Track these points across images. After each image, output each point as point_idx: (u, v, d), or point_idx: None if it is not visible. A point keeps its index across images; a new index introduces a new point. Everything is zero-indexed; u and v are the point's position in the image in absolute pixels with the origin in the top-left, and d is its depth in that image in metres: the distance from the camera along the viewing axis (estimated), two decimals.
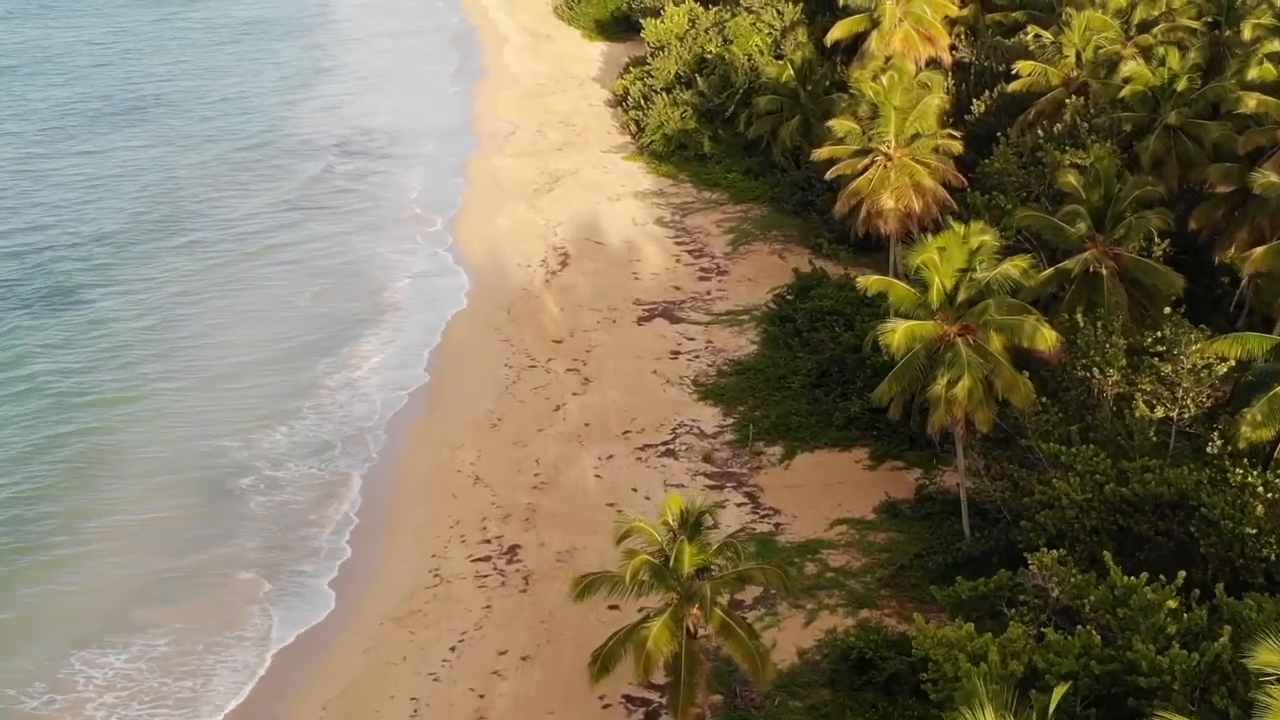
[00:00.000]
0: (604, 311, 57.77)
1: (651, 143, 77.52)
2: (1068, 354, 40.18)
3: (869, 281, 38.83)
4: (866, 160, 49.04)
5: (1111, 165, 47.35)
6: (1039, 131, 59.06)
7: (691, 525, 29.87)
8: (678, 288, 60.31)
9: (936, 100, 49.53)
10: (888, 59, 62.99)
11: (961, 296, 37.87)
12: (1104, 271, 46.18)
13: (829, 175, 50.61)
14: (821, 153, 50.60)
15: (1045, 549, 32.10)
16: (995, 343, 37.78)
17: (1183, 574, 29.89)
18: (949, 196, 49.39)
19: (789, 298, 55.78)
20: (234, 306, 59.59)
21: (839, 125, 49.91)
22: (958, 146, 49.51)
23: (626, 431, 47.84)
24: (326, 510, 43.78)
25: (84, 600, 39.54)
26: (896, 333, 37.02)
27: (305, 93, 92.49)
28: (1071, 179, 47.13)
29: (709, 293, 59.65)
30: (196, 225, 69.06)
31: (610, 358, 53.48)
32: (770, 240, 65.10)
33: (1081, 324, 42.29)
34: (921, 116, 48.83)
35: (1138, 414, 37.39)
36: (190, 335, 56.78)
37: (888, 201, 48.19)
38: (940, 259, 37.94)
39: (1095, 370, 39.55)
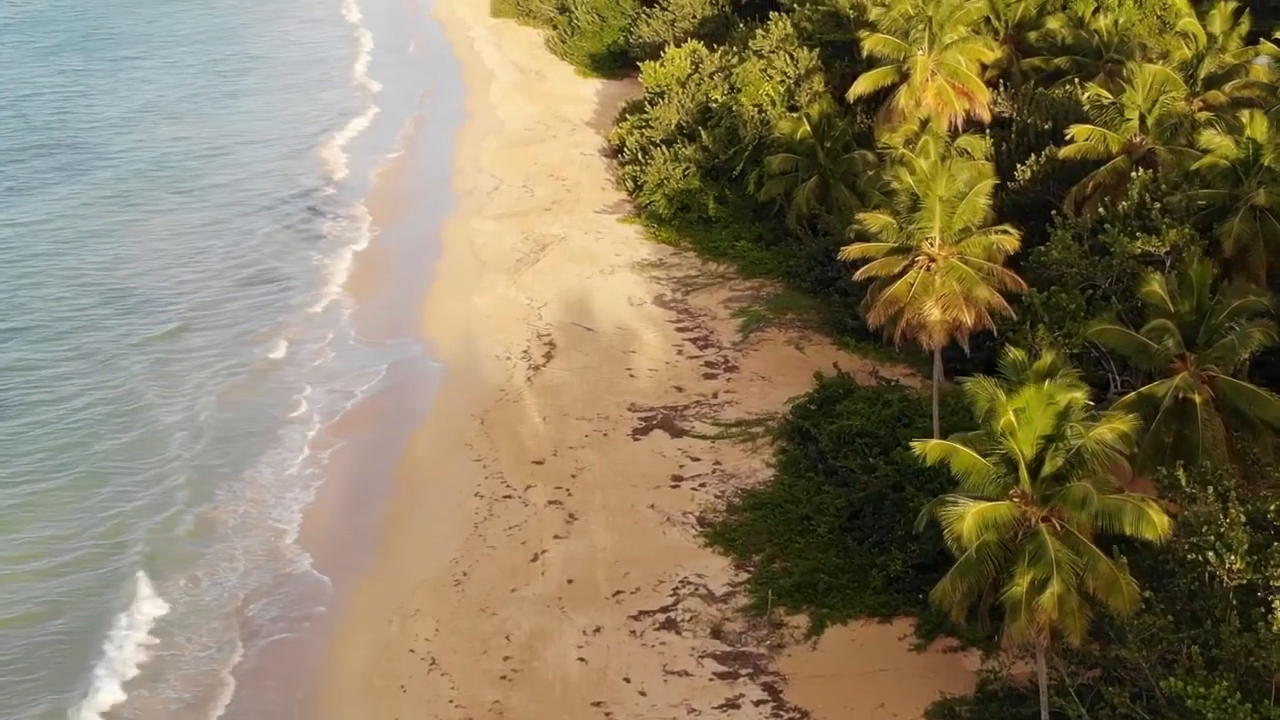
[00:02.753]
0: (594, 421, 49.40)
1: (650, 203, 69.26)
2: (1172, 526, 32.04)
3: (928, 449, 30.45)
4: (905, 260, 40.77)
5: (1206, 272, 39.19)
6: (1100, 209, 50.92)
7: None
8: (680, 388, 51.94)
9: (987, 185, 41.26)
10: (923, 123, 54.71)
11: (1046, 470, 29.64)
12: (1197, 399, 38.14)
13: (859, 277, 42.27)
14: (851, 251, 42.23)
15: None
16: (1086, 527, 29.63)
17: None
18: (1006, 305, 41.05)
19: (811, 408, 47.47)
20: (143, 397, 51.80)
21: (872, 220, 41.62)
22: (1014, 243, 41.23)
23: (618, 592, 39.42)
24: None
25: None
26: (965, 519, 28.74)
27: (270, 139, 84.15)
28: (1157, 287, 38.91)
29: (715, 395, 51.28)
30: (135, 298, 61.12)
31: (600, 486, 45.08)
32: (785, 326, 56.73)
33: (1184, 483, 34.12)
34: (971, 208, 40.58)
35: (1276, 628, 29.09)
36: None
37: (932, 312, 39.91)
38: (1018, 422, 29.69)
39: (1211, 554, 31.33)
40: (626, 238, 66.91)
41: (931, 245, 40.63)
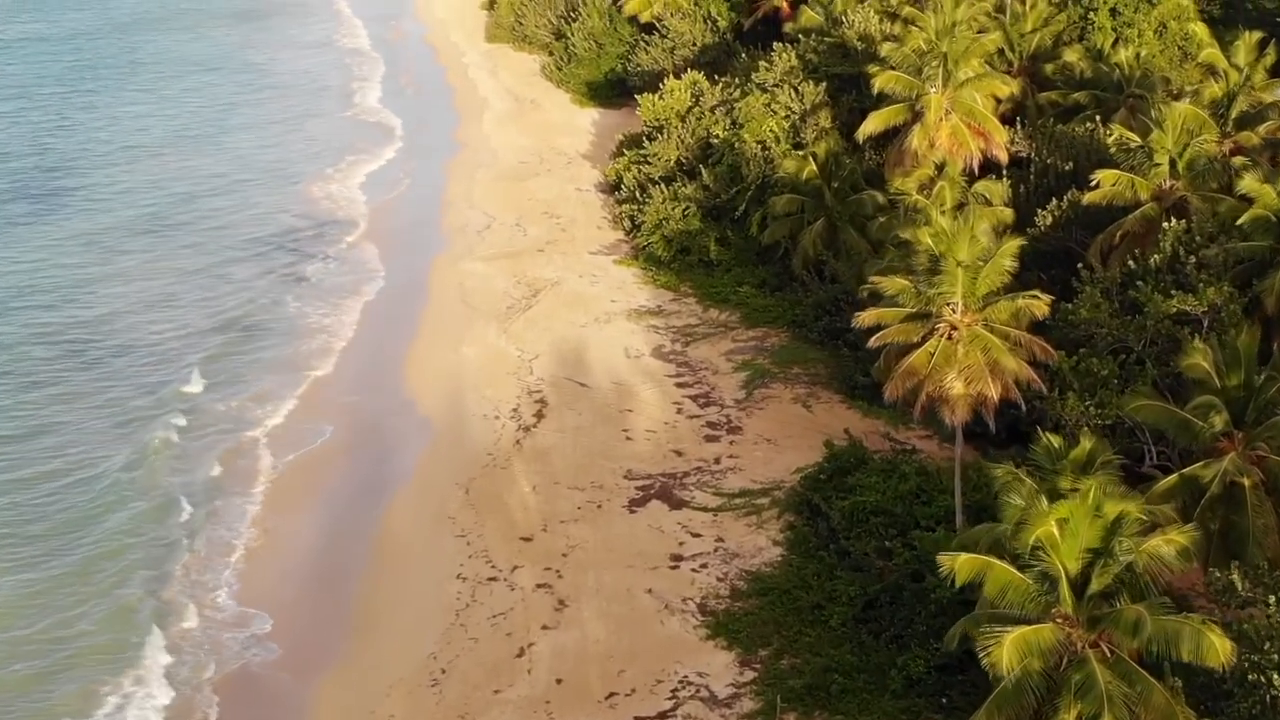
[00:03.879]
0: (587, 491, 45.91)
1: (648, 245, 65.90)
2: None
3: (958, 565, 26.99)
4: (924, 328, 37.36)
5: (1254, 342, 35.84)
6: (1129, 261, 47.56)
7: None
8: (679, 452, 48.48)
9: (1013, 246, 37.85)
10: (939, 168, 51.37)
11: (1093, 588, 26.22)
12: (1246, 483, 34.75)
13: (874, 344, 38.81)
14: (865, 318, 38.71)
15: None
16: (1138, 652, 26.22)
17: None
18: (1036, 378, 37.61)
19: (821, 479, 44.03)
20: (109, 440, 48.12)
21: (889, 284, 38.15)
22: (1043, 309, 37.78)
23: (611, 694, 35.85)
24: None
25: None
26: (1004, 646, 25.31)
27: (252, 172, 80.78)
28: (1201, 360, 35.54)
29: (718, 460, 47.81)
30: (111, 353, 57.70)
31: (593, 566, 41.59)
32: (791, 382, 53.28)
33: (1240, 587, 30.73)
34: (996, 270, 37.19)
35: None
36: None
37: (955, 385, 36.47)
38: (1061, 534, 26.28)
39: (1276, 674, 27.91)
40: (623, 282, 63.53)
41: (953, 312, 37.22)
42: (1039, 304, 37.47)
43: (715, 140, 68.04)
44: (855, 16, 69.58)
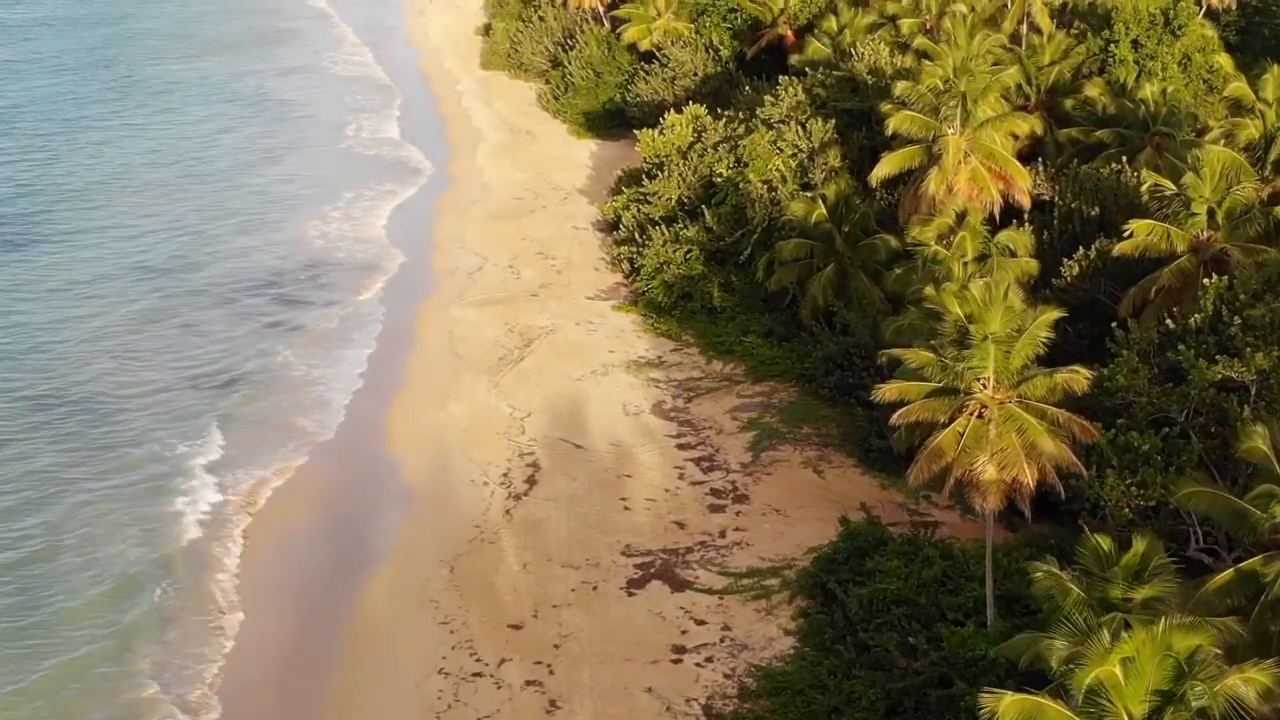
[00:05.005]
0: (582, 569, 42.38)
1: (648, 289, 62.50)
2: None
3: (1003, 709, 23.51)
4: (952, 405, 33.93)
5: None
6: (1166, 319, 44.15)
7: None
8: (681, 524, 45.00)
9: (1050, 317, 34.40)
10: (960, 216, 47.99)
11: None
12: None
13: (896, 421, 35.32)
14: (887, 391, 35.25)
15: None
16: None
17: None
18: (1076, 461, 34.14)
19: (837, 560, 40.52)
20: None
21: (912, 356, 34.77)
22: (1083, 383, 34.29)
23: None
24: None
25: None
26: None
27: (231, 209, 77.33)
28: (1260, 444, 32.10)
29: (723, 534, 44.31)
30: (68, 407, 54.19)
31: (588, 660, 38.02)
32: (802, 444, 49.82)
33: None
34: (1031, 343, 33.77)
35: None
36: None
37: (987, 470, 33.03)
38: (1125, 676, 22.83)
39: None
40: (622, 330, 60.10)
41: (984, 388, 33.79)
42: (1079, 378, 34.01)
43: (718, 179, 64.70)
44: (864, 49, 66.39)
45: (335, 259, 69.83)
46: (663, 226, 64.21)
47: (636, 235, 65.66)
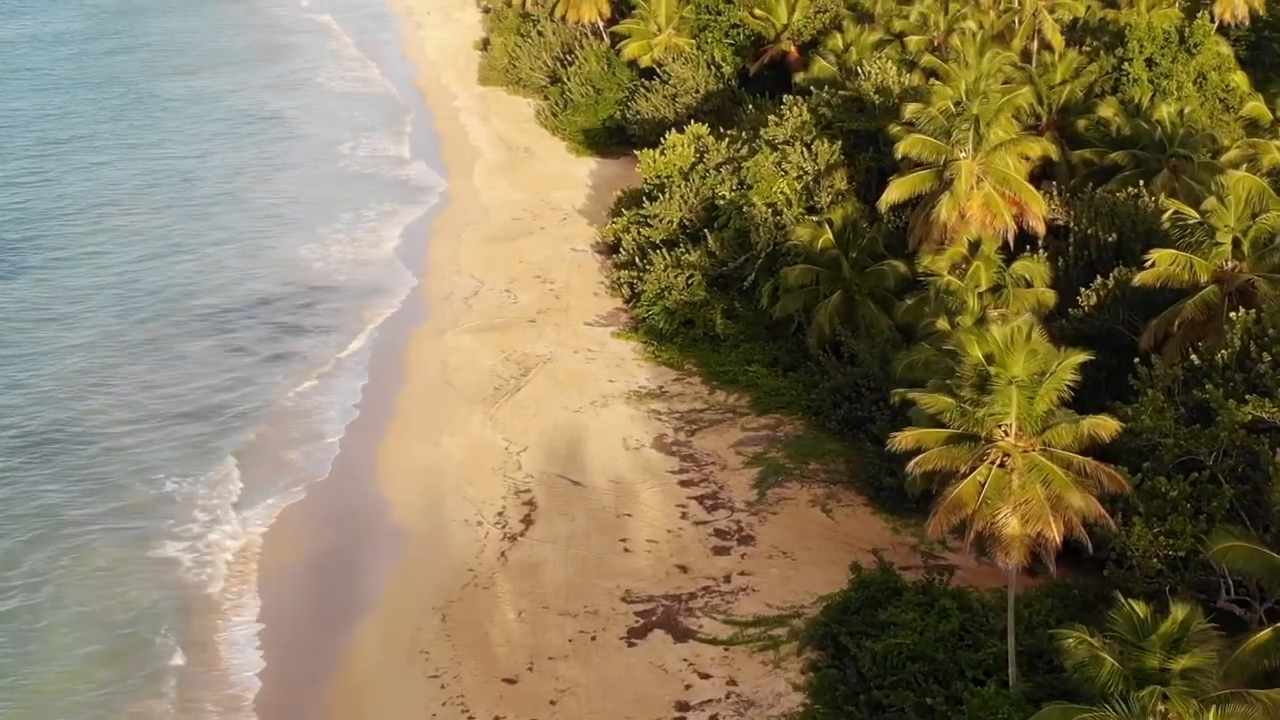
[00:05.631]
0: (580, 618, 40.41)
1: (649, 316, 60.61)
2: None
3: None
4: (973, 452, 31.99)
5: None
6: (1191, 353, 42.24)
7: None
8: (684, 568, 43.02)
9: (1075, 360, 32.46)
10: (973, 246, 46.10)
11: None
12: None
13: (913, 469, 33.31)
14: (903, 440, 33.29)
15: None
16: None
17: None
18: (1105, 514, 32.20)
19: (849, 611, 38.54)
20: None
21: (930, 401, 32.86)
22: (1112, 429, 32.38)
23: None
24: None
25: None
26: None
27: (225, 230, 75.41)
28: None
29: (728, 578, 42.33)
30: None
31: (586, 718, 36.14)
32: (809, 481, 47.88)
33: None
34: (1055, 386, 31.85)
35: None
36: None
37: (1010, 524, 31.09)
38: None
39: None
40: (622, 358, 58.19)
41: (1006, 435, 31.87)
42: (1108, 425, 32.08)
43: (721, 201, 62.84)
44: (871, 67, 64.57)
45: (330, 283, 67.80)
46: (664, 250, 62.34)
47: (637, 259, 63.79)
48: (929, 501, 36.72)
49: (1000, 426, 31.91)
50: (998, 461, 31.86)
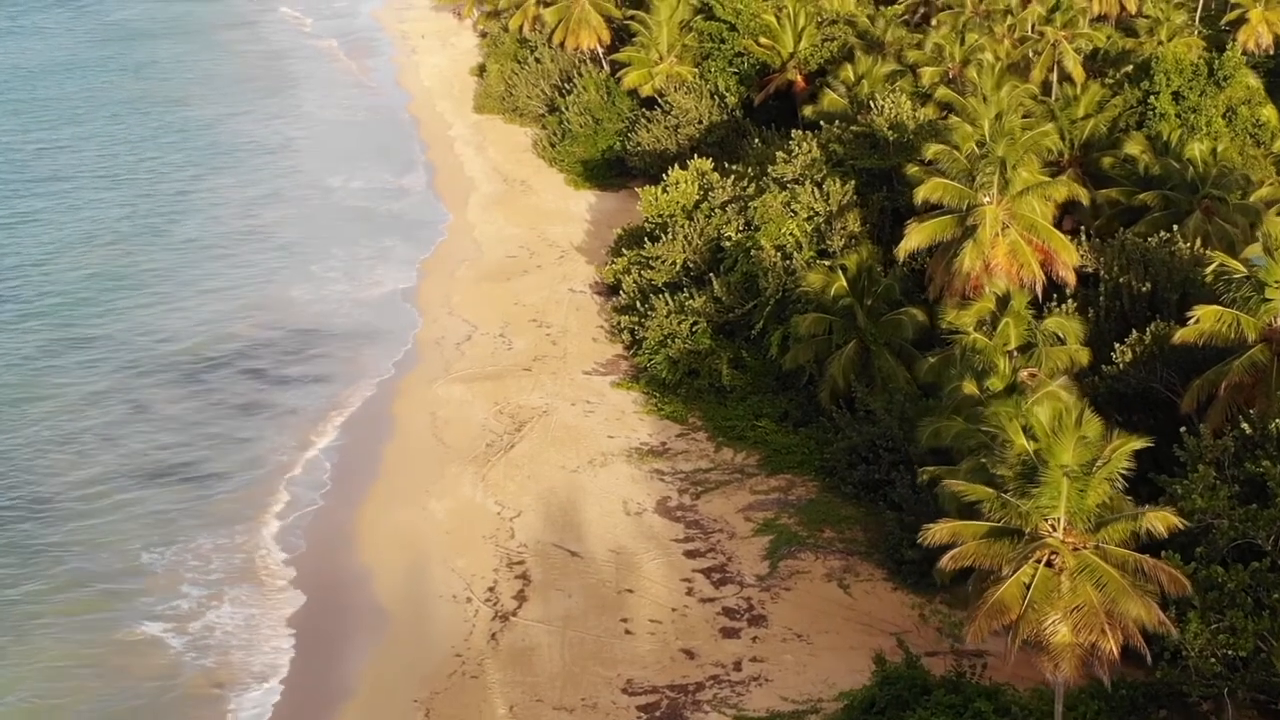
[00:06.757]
0: (576, 713, 36.87)
1: (651, 364, 57.27)
2: None
3: None
4: (1017, 550, 28.64)
5: None
6: (1241, 421, 38.87)
7: None
8: (690, 653, 39.57)
9: (1130, 446, 29.12)
10: (1002, 301, 42.76)
11: None
12: None
13: (946, 564, 29.90)
14: (939, 533, 29.99)
15: None
16: None
17: None
18: (1166, 621, 28.81)
19: (873, 712, 35.08)
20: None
21: (968, 490, 29.56)
22: (1172, 521, 29.03)
23: None
24: None
25: None
26: None
27: (207, 268, 72.15)
28: None
29: (738, 665, 38.87)
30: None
31: None
32: (824, 551, 44.49)
33: None
34: (1108, 475, 28.50)
35: None
36: None
37: (1060, 632, 27.75)
38: None
39: None
40: (622, 411, 54.81)
41: (1054, 531, 28.50)
42: (1167, 519, 28.65)
43: (727, 243, 59.55)
44: (885, 102, 61.32)
45: (318, 326, 64.51)
46: (666, 295, 59.00)
47: (638, 303, 60.45)
48: (957, 581, 33.55)
49: (1048, 520, 28.54)
50: (1044, 560, 28.47)
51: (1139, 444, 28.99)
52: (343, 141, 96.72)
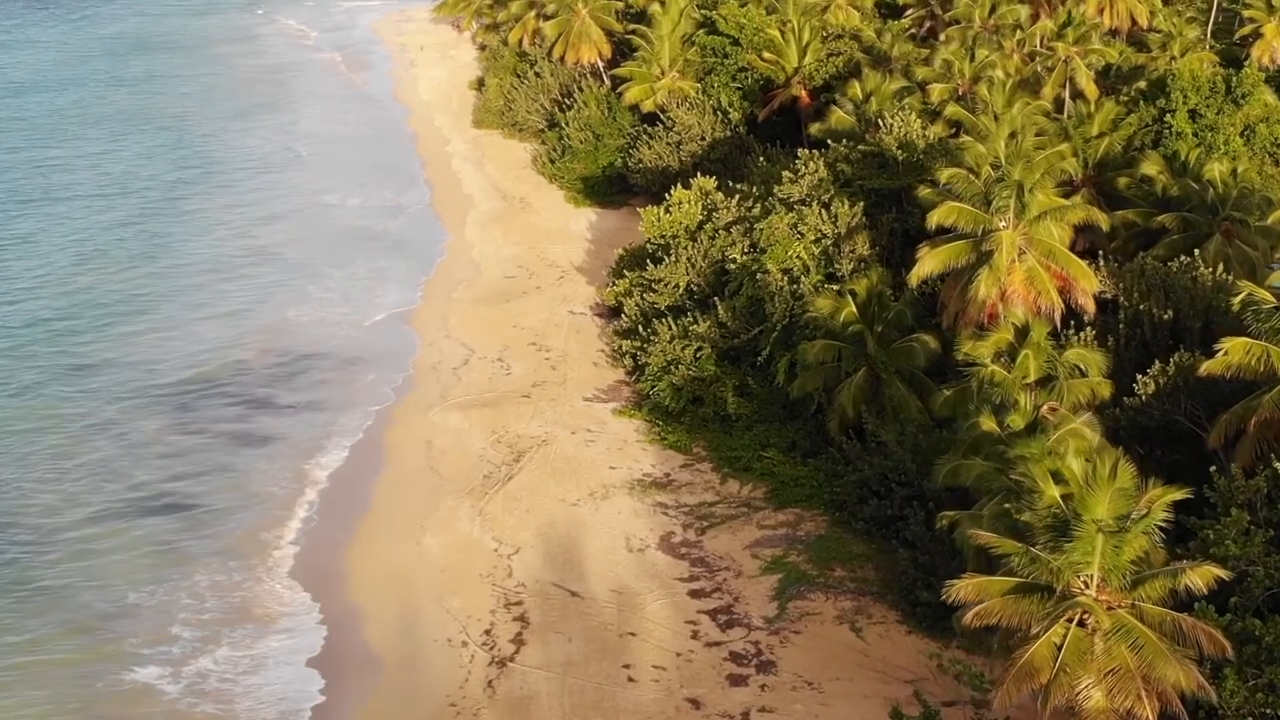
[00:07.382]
0: None
1: (654, 391, 55.54)
2: None
3: None
4: (1047, 608, 26.89)
5: None
6: (1276, 463, 37.11)
7: None
8: (696, 702, 37.77)
9: (1169, 497, 27.41)
10: (1021, 332, 41.04)
11: None
12: None
13: (970, 622, 28.18)
14: (963, 590, 28.22)
15: None
16: None
17: None
18: (1207, 685, 27.05)
19: None
20: None
21: (994, 542, 27.82)
22: (1210, 575, 27.32)
23: None
24: None
25: None
26: None
27: (201, 292, 70.39)
28: None
29: (747, 715, 36.99)
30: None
31: None
32: (835, 591, 42.69)
33: None
34: (1145, 528, 26.77)
35: None
36: None
37: (1093, 697, 25.99)
38: None
39: None
40: (624, 440, 53.04)
41: (1087, 589, 26.76)
42: (1205, 574, 26.91)
43: (732, 265, 57.84)
44: (894, 120, 59.62)
45: (314, 350, 62.61)
46: (669, 319, 57.27)
47: (640, 327, 58.74)
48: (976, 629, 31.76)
49: (1080, 577, 26.79)
50: (1077, 620, 26.70)
51: (1178, 494, 27.28)
52: (340, 157, 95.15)
